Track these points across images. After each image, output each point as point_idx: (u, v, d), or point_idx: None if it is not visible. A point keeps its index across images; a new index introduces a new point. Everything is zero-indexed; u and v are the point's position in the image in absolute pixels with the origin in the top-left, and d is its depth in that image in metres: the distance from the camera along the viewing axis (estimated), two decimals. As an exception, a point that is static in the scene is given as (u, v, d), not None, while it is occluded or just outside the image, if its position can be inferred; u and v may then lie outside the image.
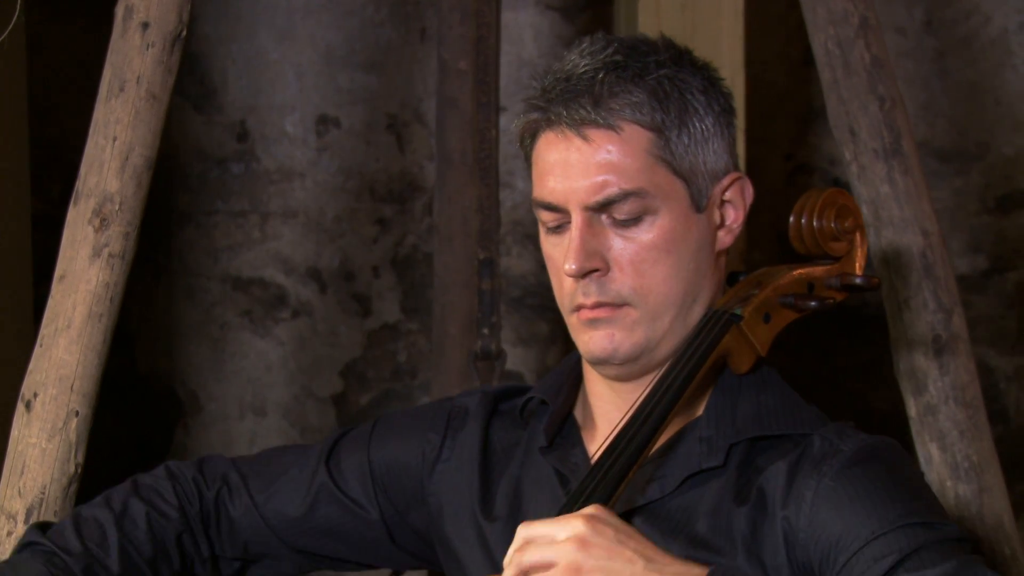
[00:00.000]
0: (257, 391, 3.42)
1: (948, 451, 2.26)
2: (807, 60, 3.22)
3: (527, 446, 1.86)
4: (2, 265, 2.78)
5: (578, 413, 1.85)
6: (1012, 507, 2.30)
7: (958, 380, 2.26)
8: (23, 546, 1.84)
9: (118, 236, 2.11)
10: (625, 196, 1.71)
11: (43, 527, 1.86)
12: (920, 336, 2.27)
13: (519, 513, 1.79)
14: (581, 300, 1.73)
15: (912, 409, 2.29)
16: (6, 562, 1.84)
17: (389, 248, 3.46)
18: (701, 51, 2.10)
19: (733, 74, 2.89)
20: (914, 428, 2.29)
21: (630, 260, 1.72)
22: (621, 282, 1.72)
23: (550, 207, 1.75)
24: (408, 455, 1.91)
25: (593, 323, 1.74)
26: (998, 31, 3.44)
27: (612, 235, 1.72)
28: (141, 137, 2.13)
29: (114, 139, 2.12)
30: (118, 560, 1.83)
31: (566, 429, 1.84)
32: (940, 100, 3.44)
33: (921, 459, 2.29)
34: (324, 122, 3.44)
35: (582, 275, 1.71)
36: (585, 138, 1.72)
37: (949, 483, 2.25)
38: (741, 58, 2.93)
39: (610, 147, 1.71)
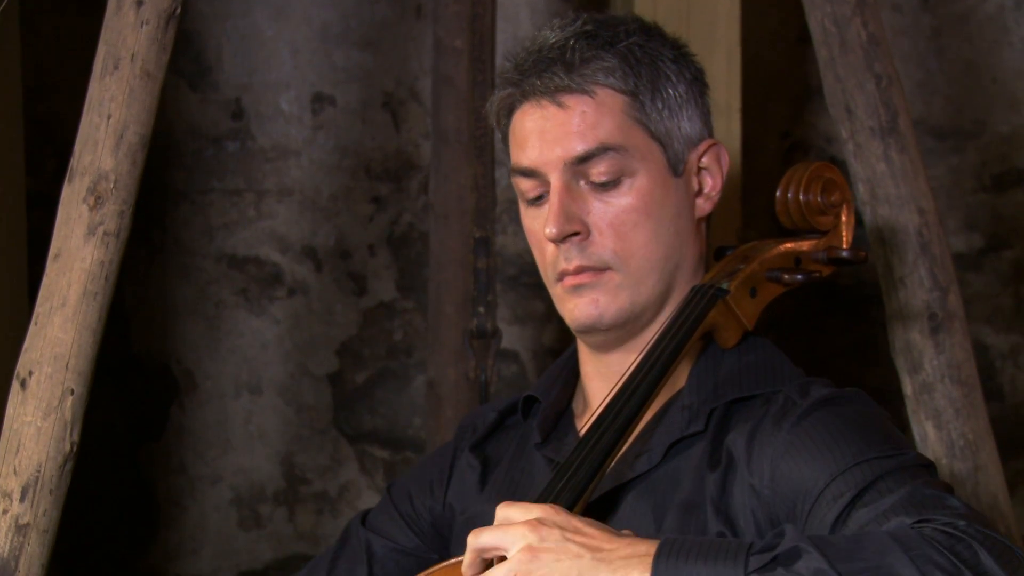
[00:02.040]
0: (253, 369, 3.41)
1: (943, 429, 2.26)
2: (803, 38, 3.21)
3: (521, 442, 1.86)
4: (-3, 243, 2.77)
5: (576, 406, 1.86)
6: (1007, 485, 2.31)
7: (954, 358, 2.27)
8: None
9: (113, 214, 2.11)
10: (603, 150, 1.72)
11: None
12: (916, 314, 2.27)
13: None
14: (564, 266, 1.74)
15: (908, 387, 2.29)
16: None
17: (385, 226, 3.45)
18: (697, 30, 2.11)
19: (729, 53, 2.89)
20: (909, 407, 2.29)
21: (610, 223, 1.73)
22: (602, 245, 1.73)
23: (528, 172, 1.76)
24: (426, 496, 1.92)
25: (577, 289, 1.75)
26: (995, 9, 3.44)
27: (591, 199, 1.74)
28: (135, 115, 2.12)
29: (108, 117, 2.12)
30: None
31: (562, 423, 1.84)
32: (937, 78, 3.43)
33: (916, 437, 2.29)
34: (319, 100, 3.43)
35: (562, 239, 1.73)
36: (560, 105, 1.73)
37: (944, 461, 2.26)
38: (737, 36, 2.92)
39: (586, 110, 1.73)
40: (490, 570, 1.53)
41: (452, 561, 1.67)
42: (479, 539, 1.54)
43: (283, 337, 3.42)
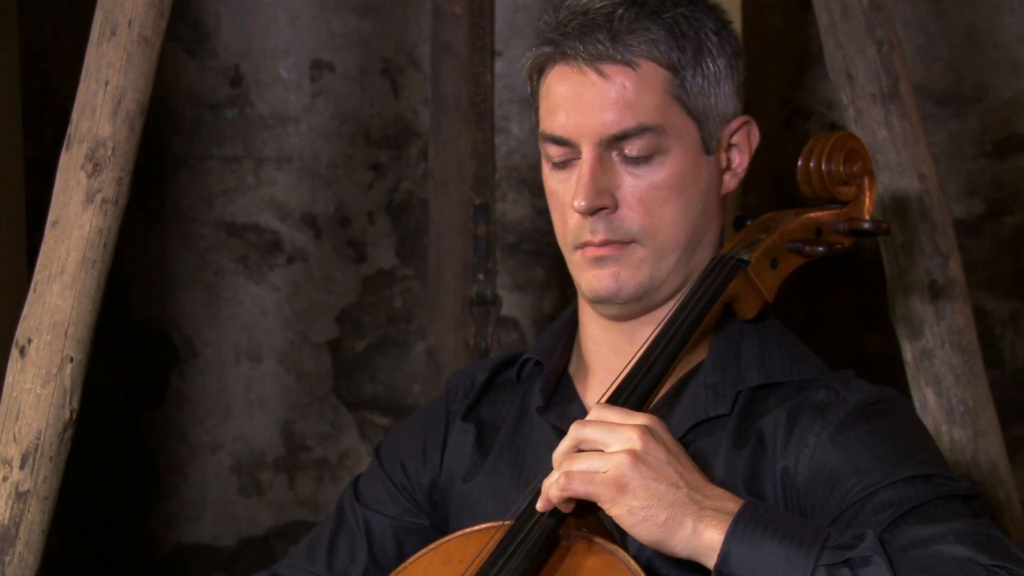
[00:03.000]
0: (252, 337, 3.41)
1: (943, 396, 2.26)
2: (804, 3, 3.19)
3: (522, 408, 1.85)
4: (-5, 211, 2.77)
5: (572, 369, 1.85)
6: (1007, 451, 2.31)
7: (954, 325, 2.26)
8: None
9: (111, 181, 2.10)
10: (641, 131, 1.69)
11: None
12: (917, 281, 2.26)
13: (521, 476, 1.78)
14: (588, 238, 1.71)
15: (908, 354, 2.29)
16: None
17: (384, 194, 3.45)
18: (697, -6, 2.05)
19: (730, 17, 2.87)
20: (910, 373, 2.29)
21: (640, 198, 1.70)
22: (630, 220, 1.71)
23: (560, 141, 1.73)
24: (420, 461, 1.89)
25: (599, 261, 1.72)
26: (996, -27, 3.42)
27: (622, 172, 1.70)
28: (133, 81, 2.11)
29: (106, 83, 2.11)
30: None
31: (561, 387, 1.83)
32: (938, 43, 3.42)
33: (916, 404, 2.29)
34: (318, 67, 3.42)
35: (591, 212, 1.70)
36: (601, 73, 1.69)
37: (944, 427, 2.26)
38: (738, 1, 2.91)
39: (626, 83, 1.69)
40: (587, 457, 1.52)
41: (468, 531, 1.66)
42: (583, 431, 1.54)
43: (283, 304, 3.42)
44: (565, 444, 1.56)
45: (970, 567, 1.44)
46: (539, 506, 1.57)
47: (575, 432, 1.55)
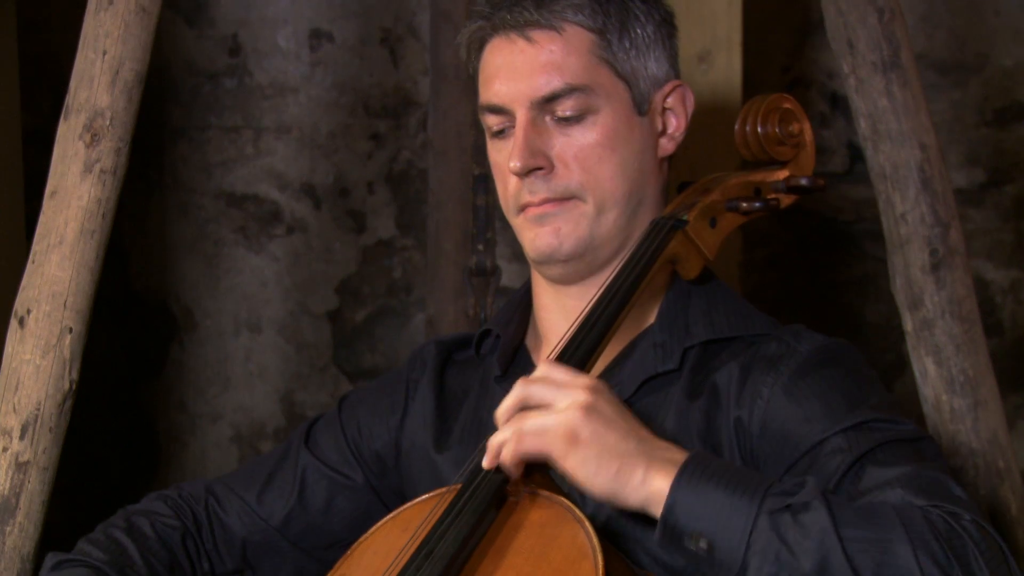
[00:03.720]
0: (252, 307, 3.41)
1: (944, 365, 2.26)
2: (805, -28, 3.18)
3: (483, 380, 1.89)
4: (-7, 181, 2.76)
5: (529, 341, 1.89)
6: (1007, 420, 2.31)
7: (955, 294, 2.26)
8: (53, 567, 1.84)
9: (109, 151, 2.10)
10: (570, 91, 1.75)
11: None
12: (917, 250, 2.26)
13: (478, 439, 1.80)
14: (528, 198, 1.77)
15: (908, 324, 2.29)
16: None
17: (383, 164, 3.44)
18: (698, -38, 2.06)
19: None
20: (910, 343, 2.29)
21: (574, 156, 1.76)
22: (567, 176, 1.76)
23: (496, 109, 1.79)
24: (377, 419, 1.95)
25: (540, 219, 1.77)
26: (998, -59, 3.41)
27: (555, 134, 1.76)
28: (131, 51, 2.10)
29: (104, 53, 2.10)
30: (144, 566, 1.85)
31: (519, 358, 1.87)
32: (939, 11, 3.40)
33: (917, 373, 2.29)
34: (317, 36, 3.41)
35: (526, 172, 1.75)
36: (529, 39, 1.76)
37: (944, 397, 2.26)
38: (738, -31, 2.89)
39: (553, 47, 1.76)
40: (538, 414, 1.54)
41: (423, 498, 1.70)
42: (529, 388, 1.56)
43: (282, 275, 3.42)
44: (509, 401, 1.58)
45: (907, 510, 1.46)
46: (484, 463, 1.58)
47: (520, 390, 1.57)
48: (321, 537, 1.94)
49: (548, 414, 1.54)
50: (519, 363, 1.87)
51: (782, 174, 1.85)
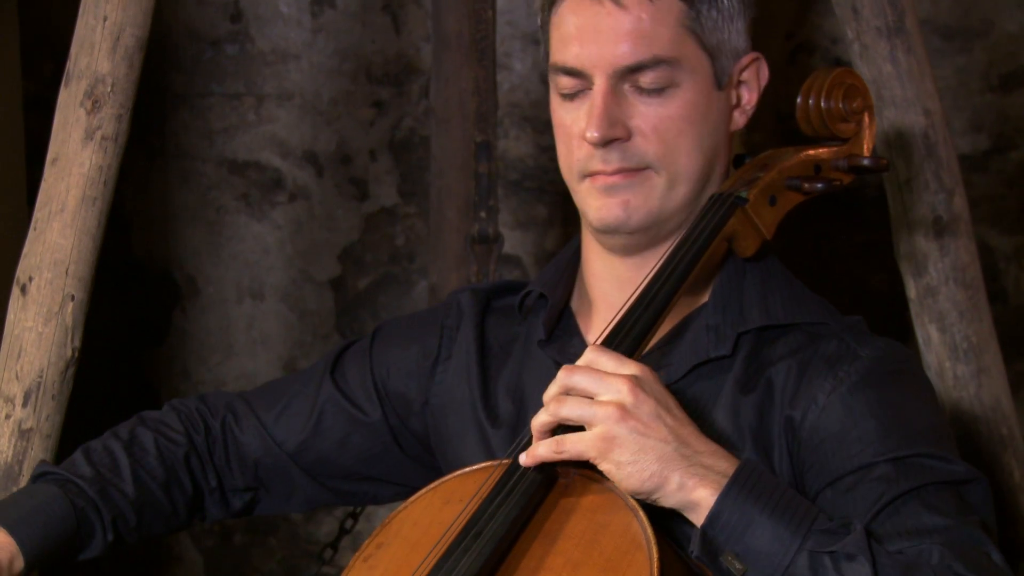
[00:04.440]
0: (255, 275, 3.41)
1: (947, 332, 2.26)
2: (809, -63, 3.17)
3: (525, 341, 1.85)
4: (-5, 148, 2.75)
5: (575, 304, 1.84)
6: (1010, 387, 2.31)
7: (958, 261, 2.26)
8: (35, 478, 1.85)
9: (110, 118, 2.09)
10: (656, 63, 1.68)
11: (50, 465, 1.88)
12: (921, 217, 2.26)
13: (523, 410, 1.79)
14: (600, 167, 1.70)
15: (912, 291, 2.28)
16: (21, 489, 1.86)
17: (386, 131, 3.43)
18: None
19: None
20: (913, 310, 2.29)
21: (653, 128, 1.70)
22: (644, 148, 1.70)
23: (572, 72, 1.72)
24: (407, 360, 1.91)
25: (609, 189, 1.71)
26: (1004, -96, 3.39)
27: (635, 103, 1.70)
28: (132, 17, 2.09)
29: (104, 19, 2.09)
30: (132, 483, 1.85)
31: (563, 321, 1.83)
32: (944, -23, 3.39)
33: (920, 341, 2.29)
34: (319, 2, 3.39)
35: (604, 143, 1.69)
36: (617, 3, 1.68)
37: (948, 364, 2.25)
38: (742, -65, 2.87)
39: (643, 14, 1.68)
40: (575, 402, 1.53)
41: (467, 470, 1.67)
42: (572, 377, 1.54)
43: (284, 242, 3.42)
44: (553, 389, 1.56)
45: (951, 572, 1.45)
46: (523, 461, 1.58)
47: (564, 379, 1.56)
48: (333, 469, 1.93)
49: (587, 405, 1.52)
50: (564, 327, 1.82)
51: (843, 152, 1.79)
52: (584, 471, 1.59)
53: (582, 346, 1.75)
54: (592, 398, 1.53)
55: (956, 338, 2.25)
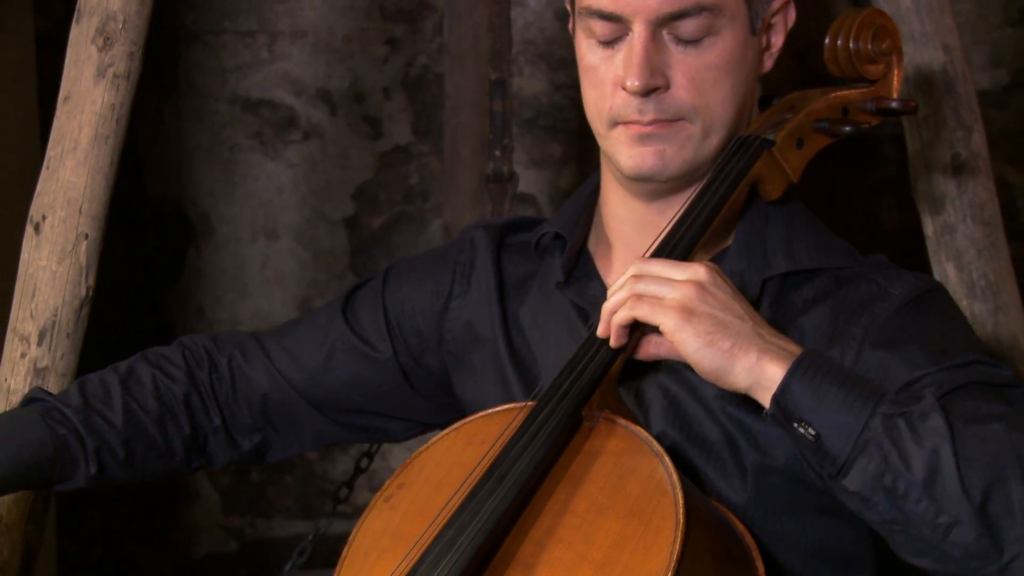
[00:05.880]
0: (269, 213, 3.40)
1: (964, 270, 2.24)
2: None
3: (541, 281, 1.84)
4: (6, 85, 2.74)
5: (592, 245, 1.82)
6: (1027, 325, 2.30)
7: (976, 199, 2.24)
8: (25, 402, 1.84)
9: (122, 56, 2.08)
10: (699, 10, 1.65)
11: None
12: (939, 154, 2.24)
13: (540, 350, 1.78)
14: (635, 116, 1.67)
15: (929, 228, 2.27)
16: (4, 413, 1.85)
17: (400, 69, 3.41)
18: None
19: None
20: (930, 247, 2.27)
21: (691, 77, 1.67)
22: (680, 99, 1.67)
23: (610, 17, 1.67)
24: (420, 297, 1.90)
25: (643, 138, 1.68)
26: None
27: (673, 51, 1.66)
28: (143, -48, 2.08)
29: (115, -45, 2.07)
30: (122, 415, 1.83)
31: (581, 263, 1.81)
32: (964, -90, 3.35)
33: (937, 278, 2.28)
34: (331, -62, 3.37)
35: (645, 93, 1.65)
36: None
37: (965, 302, 2.24)
38: None
39: None
40: (653, 281, 1.53)
41: (490, 412, 1.66)
42: (646, 264, 1.55)
43: (298, 181, 3.41)
44: (624, 277, 1.56)
45: (1019, 443, 1.44)
46: (600, 331, 1.57)
47: (636, 267, 1.55)
48: (343, 403, 1.92)
49: (665, 284, 1.52)
50: (582, 269, 1.81)
51: (871, 93, 1.77)
52: (608, 414, 1.58)
53: (601, 288, 1.74)
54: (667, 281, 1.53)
55: (974, 276, 2.24)
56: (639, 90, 1.65)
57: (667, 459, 1.50)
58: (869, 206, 3.43)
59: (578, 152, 3.41)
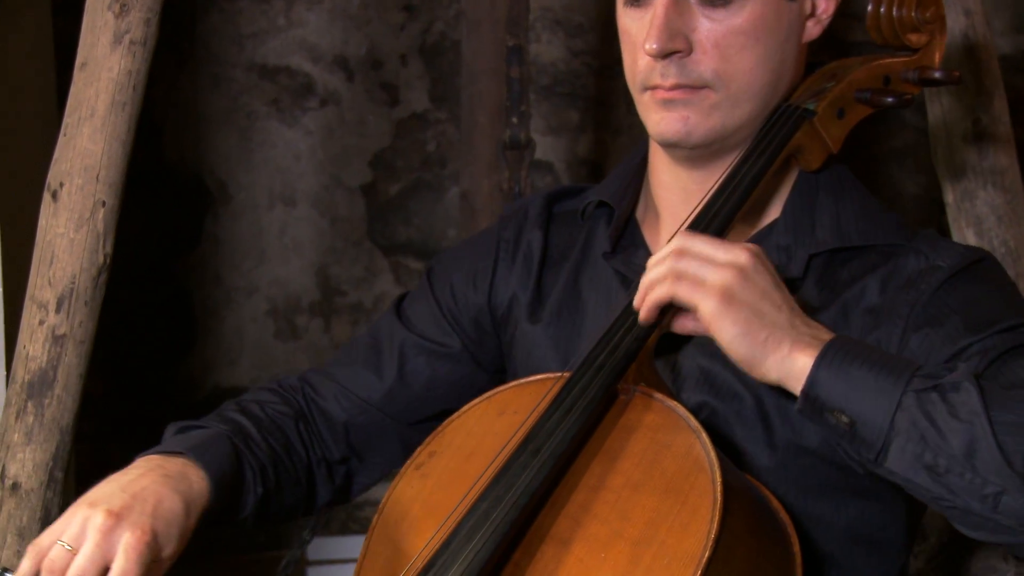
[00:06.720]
0: (286, 181, 3.40)
1: (984, 237, 2.23)
2: None
3: (584, 248, 1.82)
4: (23, 53, 2.73)
5: (639, 214, 1.81)
6: (1048, 293, 2.29)
7: (997, 164, 2.23)
8: (177, 432, 1.75)
9: (139, 22, 2.07)
10: None
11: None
12: (959, 120, 2.22)
13: (583, 320, 1.76)
14: (658, 81, 1.66)
15: (948, 195, 2.26)
16: (185, 430, 1.77)
17: (417, 35, 3.40)
18: None
19: None
20: (950, 214, 2.26)
21: (715, 43, 1.64)
22: (704, 64, 1.65)
23: None
24: (469, 287, 1.89)
25: (668, 104, 1.66)
26: None
27: (698, 15, 1.64)
28: (159, -82, 2.07)
29: (131, -79, 2.07)
30: (261, 439, 1.79)
31: (628, 232, 1.79)
32: None
33: (957, 245, 2.26)
34: (348, -96, 3.35)
35: (663, 56, 1.64)
36: None
37: (985, 269, 2.23)
38: None
39: None
40: (694, 260, 1.49)
41: (523, 381, 1.64)
42: (688, 240, 1.50)
43: (316, 148, 3.40)
44: (665, 251, 1.52)
45: None
46: (635, 303, 1.54)
47: (678, 242, 1.51)
48: (426, 408, 1.89)
49: (706, 265, 1.49)
50: (629, 238, 1.79)
51: (914, 63, 1.74)
52: (645, 388, 1.56)
53: (647, 257, 1.71)
54: (709, 261, 1.50)
55: (994, 242, 2.23)
56: (656, 53, 1.63)
57: (704, 435, 1.48)
58: (889, 172, 3.42)
59: (595, 119, 3.40)
